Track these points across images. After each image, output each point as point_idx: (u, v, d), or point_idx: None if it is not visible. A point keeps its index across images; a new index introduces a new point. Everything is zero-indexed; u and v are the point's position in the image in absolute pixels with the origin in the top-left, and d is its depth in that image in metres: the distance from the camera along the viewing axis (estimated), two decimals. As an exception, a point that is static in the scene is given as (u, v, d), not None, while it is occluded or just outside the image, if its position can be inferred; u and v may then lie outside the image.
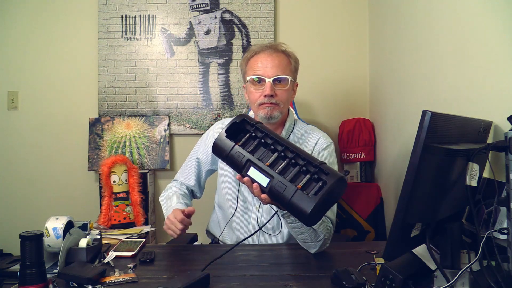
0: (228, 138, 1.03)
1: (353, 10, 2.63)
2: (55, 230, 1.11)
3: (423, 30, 1.73)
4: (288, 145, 0.98)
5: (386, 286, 0.88)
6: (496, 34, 1.17)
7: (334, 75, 2.65)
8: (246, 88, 1.41)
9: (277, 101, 1.33)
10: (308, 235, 1.19)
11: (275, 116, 1.34)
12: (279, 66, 1.33)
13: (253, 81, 1.34)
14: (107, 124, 2.54)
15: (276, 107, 1.33)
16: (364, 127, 2.47)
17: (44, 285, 0.96)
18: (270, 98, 1.31)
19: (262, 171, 0.96)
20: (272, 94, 1.31)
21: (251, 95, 1.37)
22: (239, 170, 1.01)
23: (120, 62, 2.58)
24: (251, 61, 1.37)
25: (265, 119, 1.35)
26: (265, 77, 1.32)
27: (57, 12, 2.56)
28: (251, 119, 1.07)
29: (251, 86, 1.36)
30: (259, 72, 1.33)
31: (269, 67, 1.32)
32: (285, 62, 1.36)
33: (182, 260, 1.24)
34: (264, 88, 1.31)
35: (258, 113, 1.36)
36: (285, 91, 1.34)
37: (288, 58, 1.38)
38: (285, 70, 1.34)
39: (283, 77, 1.33)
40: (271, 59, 1.33)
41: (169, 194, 1.49)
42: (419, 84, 1.77)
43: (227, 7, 2.60)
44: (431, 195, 0.89)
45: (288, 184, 0.92)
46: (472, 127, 1.03)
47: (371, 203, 2.32)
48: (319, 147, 1.40)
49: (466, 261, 0.92)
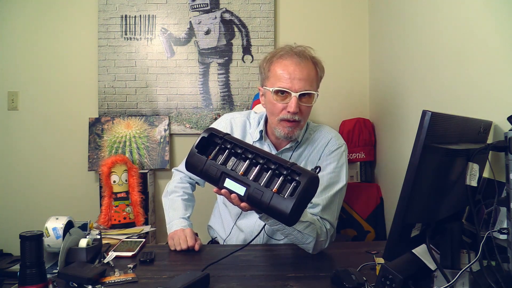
0: (199, 153, 1.04)
1: (353, 10, 2.63)
2: (55, 230, 1.11)
3: (423, 30, 1.73)
4: (257, 152, 1.00)
5: (386, 286, 0.88)
6: (496, 34, 1.17)
7: (334, 75, 2.64)
8: (265, 94, 1.30)
9: (299, 118, 1.24)
10: (295, 237, 1.18)
11: (296, 136, 1.28)
12: (307, 80, 1.22)
13: (277, 92, 1.24)
14: (107, 124, 2.54)
15: (297, 126, 1.26)
16: (364, 127, 2.47)
17: (44, 285, 0.96)
18: (293, 115, 1.22)
19: (238, 180, 0.98)
20: (297, 111, 1.21)
21: (272, 106, 1.25)
22: (215, 183, 1.03)
23: (120, 62, 2.58)
24: (275, 66, 1.25)
25: (283, 137, 1.28)
26: (291, 91, 1.21)
27: (57, 12, 2.56)
28: (219, 131, 1.06)
29: (273, 95, 1.24)
30: (285, 85, 1.21)
31: (297, 79, 1.21)
32: (313, 73, 1.25)
33: (182, 260, 1.24)
34: (289, 104, 1.21)
35: (276, 128, 1.28)
36: (309, 108, 1.26)
37: (315, 68, 1.27)
38: (313, 84, 1.24)
39: (310, 93, 1.23)
40: (299, 70, 1.21)
41: (173, 199, 1.47)
42: (419, 84, 1.77)
43: (227, 7, 2.60)
44: (431, 195, 0.89)
45: (264, 190, 0.94)
46: (472, 127, 1.03)
47: (371, 203, 2.32)
48: (330, 148, 1.34)
49: (466, 261, 0.92)
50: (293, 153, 1.37)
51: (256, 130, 1.37)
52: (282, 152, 1.36)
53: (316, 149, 1.37)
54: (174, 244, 1.31)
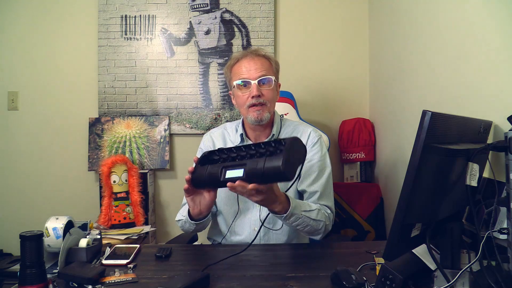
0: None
1: (353, 10, 2.64)
2: (55, 230, 1.11)
3: (423, 30, 1.73)
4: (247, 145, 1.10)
5: (386, 286, 0.88)
6: (496, 34, 1.18)
7: (334, 75, 2.65)
8: (233, 94, 1.47)
9: (264, 101, 1.40)
10: (311, 226, 1.28)
11: (265, 118, 1.41)
12: (262, 68, 1.41)
13: (239, 86, 1.41)
14: (107, 124, 2.54)
15: (265, 108, 1.40)
16: (364, 127, 2.47)
17: (44, 285, 0.96)
18: (257, 98, 1.38)
19: (235, 166, 1.07)
20: (259, 94, 1.38)
21: (239, 99, 1.43)
22: (218, 182, 1.09)
23: (120, 62, 2.58)
24: (235, 68, 1.44)
25: (255, 122, 1.41)
26: (250, 80, 1.39)
27: (57, 12, 2.56)
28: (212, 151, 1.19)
29: (237, 90, 1.42)
30: (244, 76, 1.40)
31: (253, 69, 1.40)
32: (267, 64, 1.44)
33: (182, 260, 1.24)
34: (251, 90, 1.38)
35: (247, 116, 1.42)
36: (270, 91, 1.41)
37: (269, 61, 1.45)
38: (269, 71, 1.42)
39: (267, 78, 1.41)
40: (253, 62, 1.41)
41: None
42: (419, 84, 1.77)
43: (227, 7, 2.60)
44: (431, 195, 0.89)
45: (258, 160, 1.03)
46: (472, 127, 1.03)
47: (371, 203, 2.32)
48: (312, 141, 1.48)
49: (466, 261, 0.92)
50: None
51: (236, 135, 1.50)
52: None
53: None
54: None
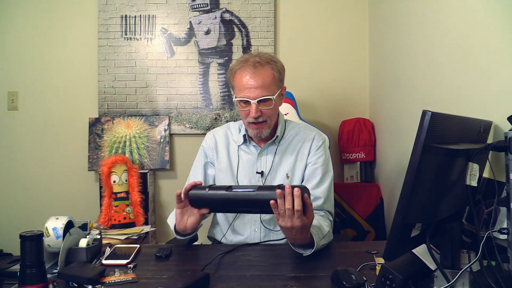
0: None
1: (353, 10, 2.63)
2: (55, 230, 1.11)
3: (423, 30, 1.73)
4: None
5: (386, 286, 0.88)
6: (496, 34, 1.17)
7: (334, 75, 2.65)
8: (235, 102, 1.44)
9: (264, 119, 1.38)
10: (325, 241, 1.26)
11: (265, 134, 1.42)
12: (262, 86, 1.34)
13: (240, 102, 1.38)
14: (107, 124, 2.54)
15: (264, 125, 1.40)
16: (364, 127, 2.47)
17: (44, 285, 0.96)
18: (256, 119, 1.37)
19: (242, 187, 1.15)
20: (258, 115, 1.36)
21: (240, 112, 1.42)
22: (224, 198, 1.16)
23: (120, 62, 2.58)
24: (237, 77, 1.38)
25: (255, 137, 1.44)
26: (250, 99, 1.35)
27: (57, 12, 2.56)
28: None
29: (238, 104, 1.40)
30: (245, 94, 1.35)
31: (253, 88, 1.34)
32: (269, 78, 1.36)
33: (182, 260, 1.24)
34: (251, 110, 1.35)
35: (248, 129, 1.44)
36: (271, 109, 1.38)
37: (271, 70, 1.37)
38: (269, 88, 1.36)
39: (267, 98, 1.35)
40: (255, 79, 1.34)
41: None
42: (419, 84, 1.77)
43: (227, 7, 2.60)
44: (431, 195, 0.89)
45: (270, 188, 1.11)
46: (472, 127, 1.03)
47: (371, 203, 2.32)
48: (316, 144, 1.48)
49: (466, 261, 0.92)
50: (278, 147, 1.47)
51: (239, 135, 1.50)
52: (268, 147, 1.47)
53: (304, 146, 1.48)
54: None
